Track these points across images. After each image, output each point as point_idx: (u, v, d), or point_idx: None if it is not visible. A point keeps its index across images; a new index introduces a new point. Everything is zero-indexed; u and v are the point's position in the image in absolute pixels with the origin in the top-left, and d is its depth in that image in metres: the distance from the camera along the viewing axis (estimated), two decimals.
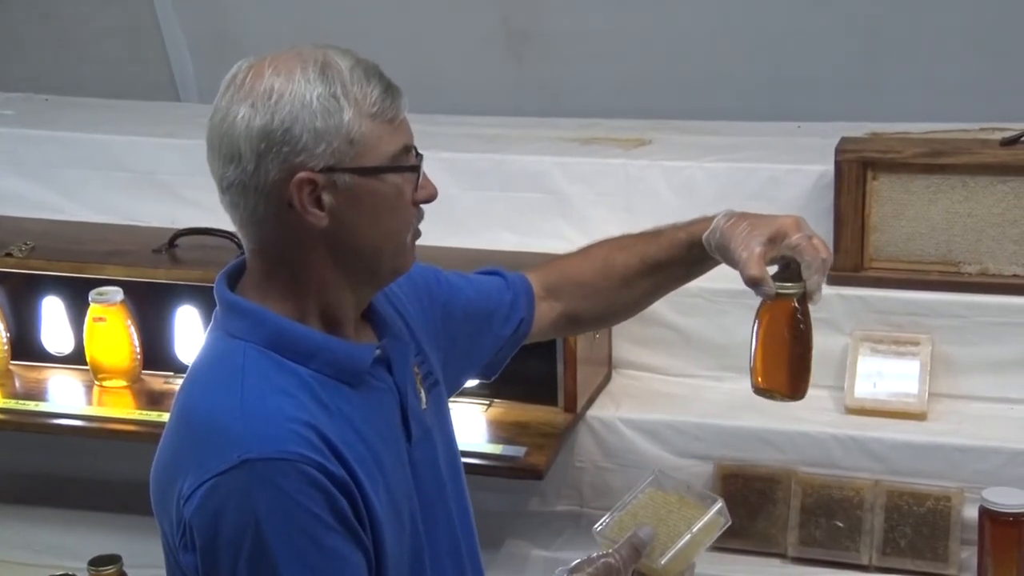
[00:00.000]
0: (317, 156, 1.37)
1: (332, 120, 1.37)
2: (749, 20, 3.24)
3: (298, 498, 1.32)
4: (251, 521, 1.32)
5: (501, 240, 2.55)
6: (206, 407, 1.39)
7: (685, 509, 1.61)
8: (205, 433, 1.36)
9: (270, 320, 1.42)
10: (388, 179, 1.41)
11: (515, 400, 2.35)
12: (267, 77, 1.38)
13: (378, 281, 1.49)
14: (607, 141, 2.74)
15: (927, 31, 3.15)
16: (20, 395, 2.47)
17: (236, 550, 1.32)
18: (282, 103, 1.36)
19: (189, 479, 1.35)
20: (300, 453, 1.33)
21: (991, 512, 2.06)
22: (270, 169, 1.37)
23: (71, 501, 2.63)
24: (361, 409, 1.43)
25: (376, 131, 1.39)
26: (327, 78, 1.38)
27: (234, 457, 1.32)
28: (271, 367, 1.40)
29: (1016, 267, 2.31)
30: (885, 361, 2.30)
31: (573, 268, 1.82)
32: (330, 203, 1.39)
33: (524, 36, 3.39)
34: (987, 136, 2.40)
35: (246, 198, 1.40)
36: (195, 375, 1.45)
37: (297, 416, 1.36)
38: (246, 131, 1.37)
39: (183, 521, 1.35)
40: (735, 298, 2.39)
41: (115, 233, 2.69)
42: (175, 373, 2.50)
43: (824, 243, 1.62)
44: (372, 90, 1.39)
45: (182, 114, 3.22)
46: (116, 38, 3.76)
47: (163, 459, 1.43)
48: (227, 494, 1.32)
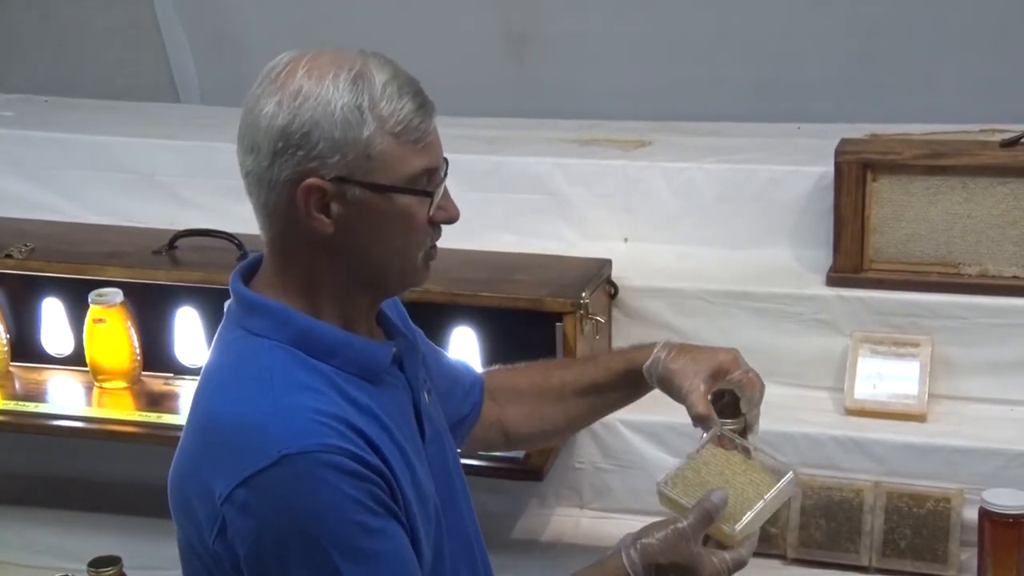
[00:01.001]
0: (330, 165, 1.37)
1: (351, 133, 1.36)
2: (749, 22, 3.24)
3: (341, 487, 1.33)
4: (298, 515, 1.32)
5: (501, 241, 2.55)
6: (236, 408, 1.38)
7: (752, 472, 1.58)
8: (238, 433, 1.36)
9: (293, 318, 1.42)
10: (400, 199, 1.40)
11: None
12: (299, 76, 1.37)
13: (386, 291, 1.50)
14: (607, 142, 2.74)
15: (927, 33, 3.15)
16: (20, 396, 2.47)
17: (285, 545, 1.33)
18: (306, 106, 1.36)
19: (224, 480, 1.34)
20: (337, 445, 1.34)
21: (991, 513, 2.06)
22: (283, 168, 1.37)
23: (71, 502, 2.63)
24: (383, 405, 1.44)
25: (397, 150, 1.38)
26: (357, 89, 1.37)
27: (274, 453, 1.32)
28: (297, 365, 1.40)
29: (1016, 268, 2.31)
30: (885, 362, 2.30)
31: (513, 375, 1.84)
32: (338, 213, 1.39)
33: (524, 38, 3.39)
34: (987, 138, 2.40)
35: (259, 189, 1.40)
36: (217, 376, 1.44)
37: (329, 411, 1.37)
38: (267, 127, 1.37)
39: (220, 520, 1.35)
40: (735, 300, 2.39)
41: (115, 234, 2.69)
42: (175, 374, 2.50)
43: (758, 375, 1.68)
44: (402, 108, 1.38)
45: (182, 115, 3.22)
46: (116, 39, 3.76)
47: (186, 464, 1.42)
48: (270, 490, 1.32)
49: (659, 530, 1.50)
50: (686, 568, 1.49)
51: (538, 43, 3.37)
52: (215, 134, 2.91)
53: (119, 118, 3.10)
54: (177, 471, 1.44)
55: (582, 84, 3.29)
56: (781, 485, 1.56)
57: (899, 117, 2.72)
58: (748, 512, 1.53)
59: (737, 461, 1.59)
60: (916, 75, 3.13)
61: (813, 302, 2.36)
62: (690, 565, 1.49)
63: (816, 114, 2.91)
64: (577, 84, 3.30)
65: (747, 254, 2.51)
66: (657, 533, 1.50)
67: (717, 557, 1.50)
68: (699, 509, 1.51)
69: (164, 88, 3.72)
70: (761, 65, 3.22)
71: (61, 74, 3.76)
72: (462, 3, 3.41)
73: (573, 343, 2.26)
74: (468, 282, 2.28)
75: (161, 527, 2.52)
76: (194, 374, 2.49)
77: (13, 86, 3.48)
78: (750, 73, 3.22)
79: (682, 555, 1.49)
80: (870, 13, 3.17)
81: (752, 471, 1.58)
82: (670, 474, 1.58)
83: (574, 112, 3.04)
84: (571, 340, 2.25)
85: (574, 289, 2.29)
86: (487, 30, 3.37)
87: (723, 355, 1.67)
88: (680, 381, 1.65)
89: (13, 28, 3.87)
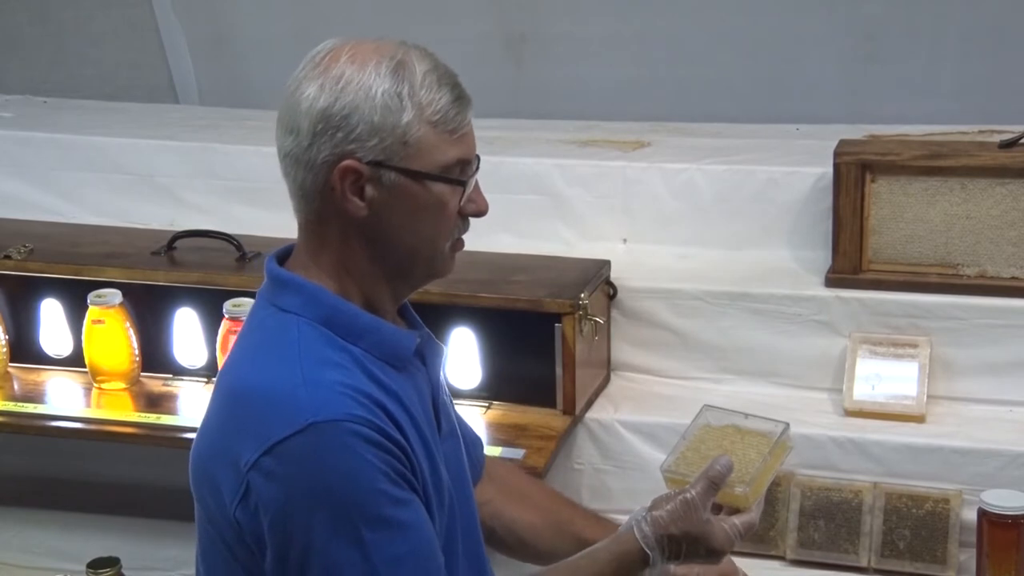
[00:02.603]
0: (368, 149, 1.41)
1: (391, 118, 1.40)
2: (747, 23, 3.24)
3: (367, 456, 1.36)
4: (323, 482, 1.35)
5: (500, 242, 2.55)
6: (264, 377, 1.41)
7: (749, 437, 1.62)
8: (265, 402, 1.38)
9: (324, 297, 1.45)
10: (433, 187, 1.44)
11: (514, 402, 2.35)
12: (342, 63, 1.42)
13: (412, 281, 1.52)
14: (606, 143, 2.74)
15: (925, 34, 3.15)
16: (19, 397, 2.47)
17: (310, 512, 1.35)
18: (348, 90, 1.40)
19: (251, 447, 1.36)
20: (363, 416, 1.37)
21: (989, 514, 2.06)
22: (322, 149, 1.41)
23: (70, 503, 2.63)
24: (405, 391, 1.46)
25: (433, 139, 1.42)
26: (397, 76, 1.41)
27: (301, 421, 1.35)
28: (325, 342, 1.43)
29: (1014, 269, 2.31)
30: (884, 363, 2.30)
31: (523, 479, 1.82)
32: (372, 196, 1.42)
33: (523, 39, 3.39)
34: (985, 139, 2.40)
35: (296, 170, 1.44)
36: (246, 350, 1.47)
37: (355, 385, 1.40)
38: (308, 109, 1.41)
39: (244, 486, 1.37)
40: (734, 300, 2.39)
41: (114, 235, 2.69)
42: (174, 375, 2.50)
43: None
44: (440, 98, 1.42)
45: (181, 116, 3.22)
46: (115, 40, 3.76)
47: (211, 435, 1.44)
48: (296, 457, 1.35)
49: (668, 502, 1.53)
50: (698, 536, 1.51)
51: (537, 44, 3.37)
52: (214, 135, 2.92)
53: (118, 119, 3.10)
54: (202, 442, 1.46)
55: (581, 85, 3.29)
56: (779, 439, 1.60)
57: (898, 118, 2.73)
58: (752, 471, 1.56)
59: (731, 431, 1.63)
60: (915, 76, 3.13)
61: (812, 303, 2.36)
62: (701, 533, 1.51)
63: (815, 115, 2.91)
64: (576, 85, 3.30)
65: (746, 255, 2.51)
66: (666, 505, 1.52)
67: (727, 523, 1.53)
68: (704, 478, 1.53)
69: (163, 89, 3.72)
70: (760, 66, 3.22)
71: (60, 75, 3.76)
72: (461, 4, 3.41)
73: (572, 344, 2.26)
74: (467, 283, 2.28)
75: (160, 528, 2.54)
76: (193, 375, 2.49)
77: (12, 87, 3.48)
78: (749, 74, 3.22)
79: (693, 524, 1.51)
80: (869, 14, 3.18)
81: (749, 436, 1.62)
82: (672, 457, 1.62)
83: (573, 113, 3.04)
84: (570, 341, 2.26)
85: (573, 290, 2.29)
86: (486, 31, 3.37)
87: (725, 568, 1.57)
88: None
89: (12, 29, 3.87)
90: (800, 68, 3.19)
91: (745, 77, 3.22)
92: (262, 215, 2.70)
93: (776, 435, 1.61)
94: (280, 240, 1.74)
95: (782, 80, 3.18)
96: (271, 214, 2.70)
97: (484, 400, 2.36)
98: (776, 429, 1.62)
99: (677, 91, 3.22)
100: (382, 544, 1.36)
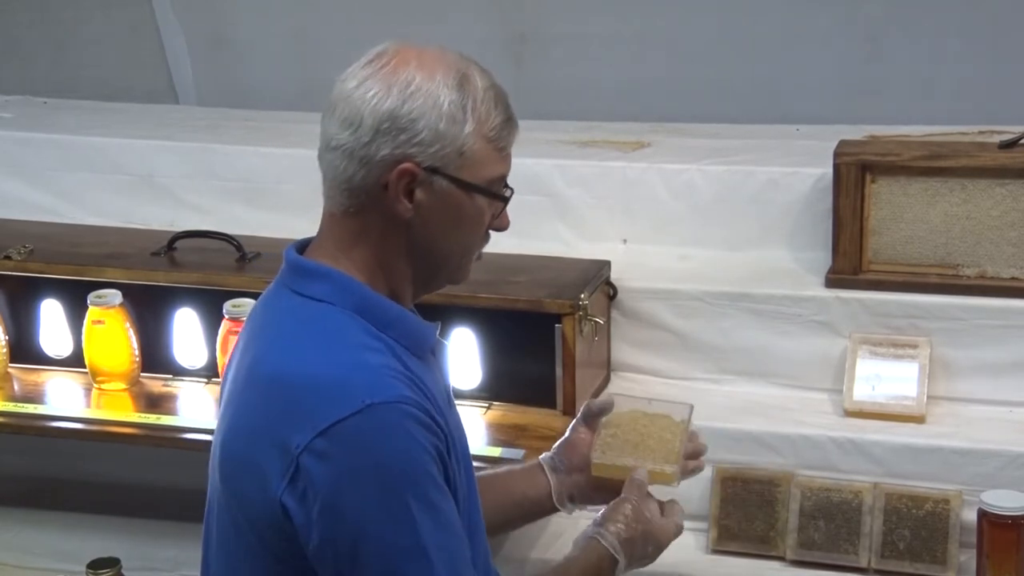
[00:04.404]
0: (428, 154, 1.45)
1: (454, 128, 1.46)
2: (747, 24, 3.25)
3: (419, 438, 1.41)
4: (380, 461, 1.38)
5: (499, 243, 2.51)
6: (310, 363, 1.43)
7: (658, 420, 1.80)
8: (315, 386, 1.41)
9: (355, 287, 1.49)
10: (477, 199, 1.50)
11: (514, 403, 2.35)
12: (411, 68, 1.46)
13: (433, 284, 1.57)
14: (606, 144, 2.74)
15: (925, 34, 3.16)
16: (19, 398, 2.47)
17: (364, 491, 1.38)
18: (417, 95, 1.45)
19: (303, 429, 1.38)
20: (414, 399, 1.42)
21: (989, 515, 2.06)
22: (382, 148, 1.45)
23: (70, 504, 2.63)
24: (429, 379, 1.51)
25: (485, 153, 1.49)
26: (463, 89, 1.47)
27: (359, 402, 1.38)
28: (360, 329, 1.47)
29: (1014, 270, 2.31)
30: (884, 364, 2.30)
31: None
32: (420, 199, 1.47)
33: (523, 39, 3.40)
34: (985, 139, 2.40)
35: (349, 163, 1.46)
36: (282, 338, 1.48)
37: (399, 369, 1.45)
38: (374, 107, 1.45)
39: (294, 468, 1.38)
40: (734, 301, 2.39)
41: (114, 236, 2.69)
42: (174, 376, 2.50)
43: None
44: (497, 116, 1.49)
45: (180, 117, 3.22)
46: (115, 41, 3.77)
47: (249, 423, 1.45)
48: (353, 437, 1.38)
49: (616, 513, 1.67)
50: (652, 532, 1.67)
51: (537, 44, 3.37)
52: (214, 135, 2.92)
53: (117, 119, 3.10)
54: (237, 431, 1.47)
55: (581, 85, 3.30)
56: (685, 418, 1.80)
57: (898, 119, 2.73)
58: (674, 452, 1.76)
59: (640, 416, 1.80)
60: (914, 77, 3.13)
61: (812, 303, 2.36)
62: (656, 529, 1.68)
63: (815, 116, 2.91)
64: (576, 85, 3.30)
65: (746, 255, 2.51)
66: (619, 515, 1.66)
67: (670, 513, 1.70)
68: (634, 487, 1.69)
69: (162, 90, 3.72)
70: (760, 67, 3.22)
71: (59, 76, 3.76)
72: (461, 4, 3.41)
73: (572, 344, 2.26)
74: (467, 283, 2.25)
75: (160, 528, 2.54)
76: (193, 375, 2.49)
77: (11, 88, 3.48)
78: (749, 75, 3.23)
79: (647, 523, 1.67)
80: (869, 15, 3.18)
81: (658, 419, 1.80)
82: (596, 447, 1.78)
83: (573, 113, 3.04)
84: (570, 341, 2.26)
85: (573, 290, 2.29)
86: (486, 31, 3.37)
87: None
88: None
89: (12, 30, 3.87)
90: (800, 69, 3.19)
91: (745, 78, 3.23)
92: (262, 215, 2.70)
93: (684, 417, 1.80)
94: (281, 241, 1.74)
95: (782, 81, 3.19)
96: (271, 214, 2.70)
97: (484, 400, 2.36)
98: (682, 408, 1.81)
99: (677, 91, 3.22)
100: (430, 525, 1.40)
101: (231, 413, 1.49)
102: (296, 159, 2.71)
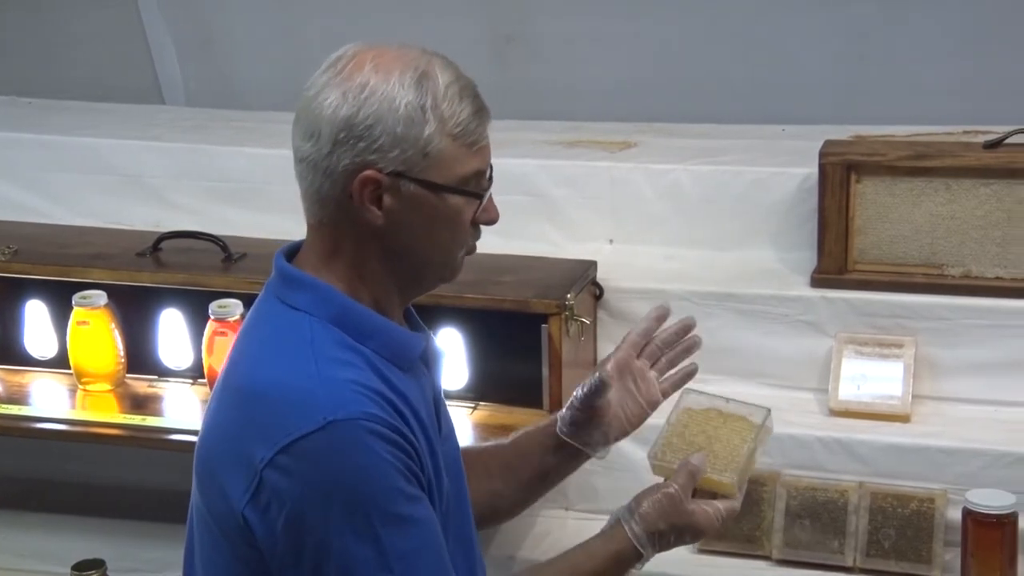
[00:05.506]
0: (389, 159, 1.42)
1: (413, 130, 1.41)
2: (734, 24, 3.25)
3: (383, 454, 1.38)
4: (341, 479, 1.36)
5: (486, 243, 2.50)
6: (278, 375, 1.41)
7: (731, 421, 1.68)
8: (280, 400, 1.39)
9: (335, 297, 1.46)
10: (450, 199, 1.46)
11: (500, 403, 2.35)
12: (366, 71, 1.42)
13: (423, 287, 1.55)
14: (592, 144, 2.74)
15: (911, 34, 3.16)
16: (3, 399, 2.46)
17: (326, 509, 1.36)
18: (371, 100, 1.41)
19: (266, 444, 1.37)
20: (379, 415, 1.39)
21: (974, 514, 2.07)
22: (342, 158, 1.42)
23: (54, 505, 2.62)
24: (412, 391, 1.48)
25: (453, 151, 1.44)
26: (421, 89, 1.42)
27: (319, 419, 1.36)
28: (336, 341, 1.44)
29: (999, 269, 2.31)
30: (869, 363, 2.30)
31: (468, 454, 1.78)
32: (389, 205, 1.43)
33: (509, 40, 3.39)
34: (970, 139, 2.41)
35: (314, 175, 1.44)
36: (254, 346, 1.48)
37: (369, 384, 1.41)
38: (331, 116, 1.41)
39: (257, 483, 1.37)
40: (720, 301, 2.40)
41: (99, 236, 2.68)
42: (159, 377, 2.50)
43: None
44: (461, 111, 1.44)
45: (167, 117, 3.21)
46: (101, 41, 3.75)
47: (219, 432, 1.45)
48: (314, 455, 1.36)
49: (650, 497, 1.60)
50: (684, 527, 1.60)
51: (523, 44, 3.37)
52: (200, 136, 2.91)
53: (104, 120, 3.09)
54: (209, 439, 1.46)
55: (567, 85, 3.29)
56: (761, 424, 1.67)
57: (883, 119, 2.73)
58: (739, 458, 1.63)
59: (714, 416, 1.69)
60: (900, 77, 3.14)
61: (797, 303, 2.36)
62: (688, 523, 1.60)
63: (800, 116, 2.91)
64: (562, 85, 3.30)
65: (732, 255, 2.52)
66: (650, 501, 1.60)
67: (711, 507, 1.61)
68: (684, 470, 1.61)
69: (149, 90, 3.70)
70: (746, 67, 3.22)
71: (45, 76, 3.74)
72: (447, 4, 3.40)
73: (558, 344, 2.26)
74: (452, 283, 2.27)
75: (145, 530, 2.54)
76: (178, 376, 2.49)
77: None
78: (735, 75, 3.23)
79: (679, 515, 1.60)
80: (855, 15, 3.18)
81: (731, 420, 1.68)
82: (657, 445, 1.67)
83: (559, 114, 3.04)
84: (556, 341, 2.26)
85: (559, 290, 2.29)
86: (472, 31, 3.36)
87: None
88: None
89: None
90: (786, 69, 3.19)
91: (732, 78, 3.23)
92: (248, 216, 2.69)
93: (758, 420, 1.67)
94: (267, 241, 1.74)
95: (768, 81, 3.19)
96: (257, 215, 2.70)
97: (471, 401, 2.36)
98: (758, 414, 1.68)
99: (663, 92, 3.22)
100: (396, 540, 1.38)
101: (206, 419, 1.49)
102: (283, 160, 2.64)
